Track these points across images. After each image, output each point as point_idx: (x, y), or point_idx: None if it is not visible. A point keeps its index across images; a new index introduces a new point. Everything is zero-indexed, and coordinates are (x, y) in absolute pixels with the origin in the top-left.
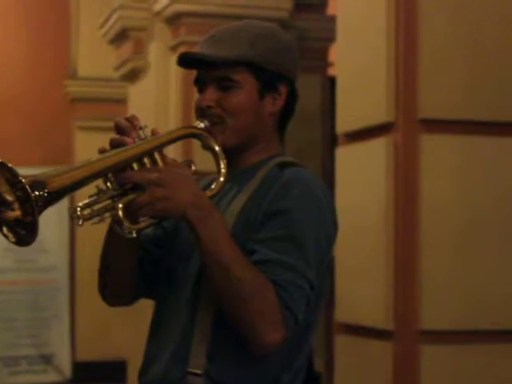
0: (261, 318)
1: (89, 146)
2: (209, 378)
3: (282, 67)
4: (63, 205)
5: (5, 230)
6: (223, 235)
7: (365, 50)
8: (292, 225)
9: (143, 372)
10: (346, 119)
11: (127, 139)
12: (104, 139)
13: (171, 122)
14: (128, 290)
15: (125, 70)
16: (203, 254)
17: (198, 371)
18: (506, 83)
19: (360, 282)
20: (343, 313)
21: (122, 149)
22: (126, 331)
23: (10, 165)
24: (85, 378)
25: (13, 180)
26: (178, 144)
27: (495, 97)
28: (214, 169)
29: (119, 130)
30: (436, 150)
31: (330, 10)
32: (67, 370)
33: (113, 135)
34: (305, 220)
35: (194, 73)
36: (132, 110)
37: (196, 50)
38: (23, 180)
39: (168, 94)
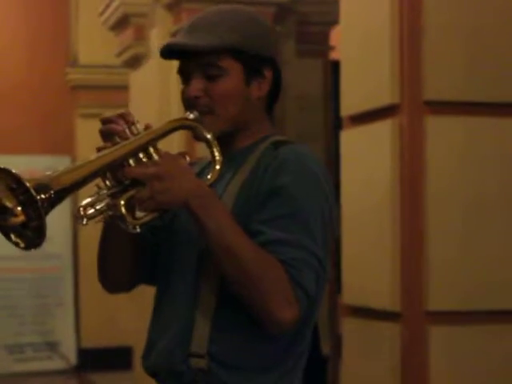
0: (273, 298)
1: (90, 134)
2: (212, 358)
3: (265, 50)
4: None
5: (13, 237)
6: (227, 220)
7: (369, 32)
8: (293, 202)
9: (146, 355)
10: (351, 102)
11: (116, 126)
12: None
13: (173, 107)
14: (127, 278)
15: (126, 56)
16: (209, 240)
17: (201, 352)
18: (508, 65)
19: (366, 265)
20: (350, 295)
21: (118, 146)
22: (132, 317)
23: (13, 170)
24: (90, 365)
25: (14, 185)
26: (182, 135)
27: (499, 78)
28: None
29: (105, 123)
30: (441, 131)
31: None
32: (72, 356)
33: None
34: (305, 196)
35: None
36: (134, 97)
37: (178, 39)
38: (28, 184)
39: (169, 80)
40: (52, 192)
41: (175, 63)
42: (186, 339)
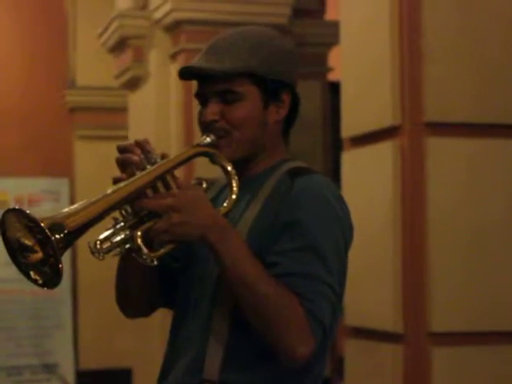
0: (289, 332)
1: (89, 156)
2: None
3: (284, 74)
4: None
5: (32, 274)
6: (244, 253)
7: (369, 53)
8: (308, 235)
9: (162, 379)
10: (352, 123)
11: (132, 156)
12: (104, 148)
13: (172, 130)
14: (147, 304)
15: (125, 78)
16: (226, 272)
17: (213, 379)
18: (511, 86)
19: (369, 286)
20: (352, 316)
21: (135, 178)
22: (130, 339)
23: (27, 211)
24: None
25: (30, 224)
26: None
27: (500, 99)
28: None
29: (122, 151)
30: (442, 153)
31: (328, 16)
32: (71, 378)
33: (117, 155)
34: (320, 228)
35: (194, 81)
36: (133, 119)
37: (196, 61)
38: (42, 224)
39: (168, 101)
40: (66, 231)
41: (174, 85)
42: (199, 366)
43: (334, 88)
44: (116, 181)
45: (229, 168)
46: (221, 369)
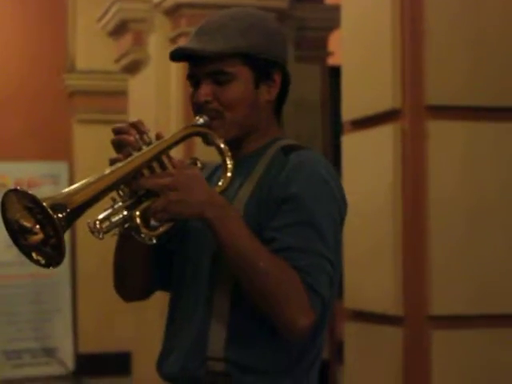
0: (289, 306)
1: (88, 140)
2: (229, 361)
3: (274, 54)
4: None
5: (34, 255)
6: (242, 229)
7: (370, 37)
8: (305, 209)
9: (161, 362)
10: (352, 107)
11: (128, 137)
12: (104, 132)
13: (172, 113)
14: (144, 286)
15: (125, 62)
16: (225, 249)
17: (218, 356)
18: (511, 69)
19: (369, 269)
20: (352, 300)
21: (131, 158)
22: (130, 323)
23: (28, 191)
24: (88, 371)
25: (30, 204)
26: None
27: (501, 82)
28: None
29: (117, 133)
30: (443, 135)
31: (329, 0)
32: (70, 362)
33: (112, 137)
34: (316, 203)
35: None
36: (133, 103)
37: (187, 43)
38: (45, 204)
39: (169, 85)
40: (68, 210)
41: (174, 69)
42: (203, 344)
43: (334, 73)
44: (112, 161)
45: (223, 146)
46: (225, 347)
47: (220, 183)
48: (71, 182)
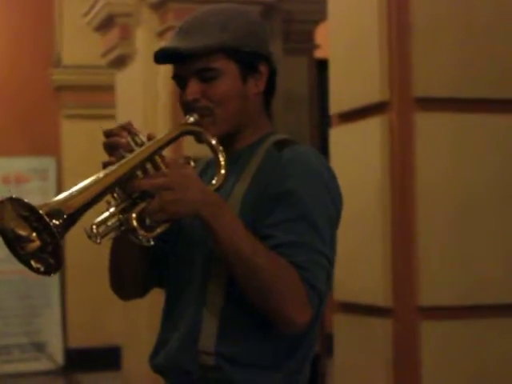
0: (288, 302)
1: (76, 135)
2: (220, 355)
3: (258, 46)
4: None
5: (33, 263)
6: (238, 227)
7: (357, 29)
8: (300, 205)
9: (154, 355)
10: (340, 99)
11: (120, 139)
12: (91, 127)
13: (160, 108)
14: (141, 285)
15: (112, 56)
16: (221, 247)
17: (209, 350)
18: (500, 60)
19: (358, 261)
20: (342, 291)
21: (124, 160)
22: (119, 317)
23: (25, 200)
24: (77, 365)
25: (25, 213)
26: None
27: (489, 74)
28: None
29: (108, 135)
30: (431, 128)
31: None
32: (59, 357)
33: (103, 140)
34: (311, 198)
35: None
36: (120, 97)
37: (169, 43)
38: (41, 211)
39: (156, 79)
40: (65, 216)
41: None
42: (194, 338)
43: (321, 65)
44: (105, 165)
45: (215, 144)
46: (216, 341)
47: (214, 181)
48: (59, 177)
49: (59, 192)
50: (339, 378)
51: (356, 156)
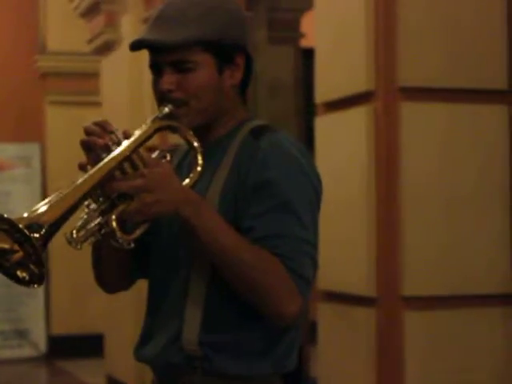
0: (276, 295)
1: (60, 121)
2: (206, 345)
3: (236, 38)
4: (35, 179)
5: (19, 273)
6: (219, 224)
7: (343, 18)
8: (280, 194)
9: (139, 348)
10: (325, 88)
11: (97, 140)
12: (76, 114)
13: (145, 94)
14: (125, 279)
15: (97, 43)
16: (205, 246)
17: (194, 340)
18: (484, 51)
19: (342, 250)
20: (325, 281)
21: (103, 163)
22: (102, 305)
23: (5, 215)
24: (60, 353)
25: (6, 226)
26: None
27: (475, 64)
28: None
29: (88, 133)
30: (416, 117)
31: None
32: (42, 344)
33: (83, 137)
34: (291, 186)
35: None
36: (105, 84)
37: (146, 33)
38: (20, 226)
39: (141, 66)
40: (44, 229)
41: (146, 50)
42: (179, 330)
43: (307, 54)
44: (82, 167)
45: (191, 139)
46: (200, 331)
47: (190, 176)
48: (43, 163)
49: (43, 179)
50: (323, 367)
51: (341, 145)
